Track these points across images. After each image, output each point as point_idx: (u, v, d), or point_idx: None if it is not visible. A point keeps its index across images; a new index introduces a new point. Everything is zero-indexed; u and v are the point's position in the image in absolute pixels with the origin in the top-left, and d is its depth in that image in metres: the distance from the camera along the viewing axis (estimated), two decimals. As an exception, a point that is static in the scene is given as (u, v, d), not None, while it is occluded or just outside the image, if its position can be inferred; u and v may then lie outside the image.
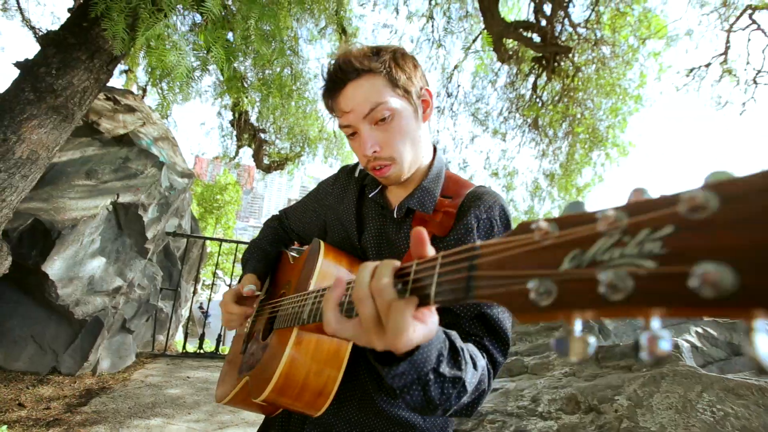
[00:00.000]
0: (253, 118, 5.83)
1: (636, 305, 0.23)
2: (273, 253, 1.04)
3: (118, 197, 3.04)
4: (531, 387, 2.31)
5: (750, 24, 4.39)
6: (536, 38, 5.29)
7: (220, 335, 3.91)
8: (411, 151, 0.75)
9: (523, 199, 6.09)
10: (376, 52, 0.74)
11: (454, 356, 0.54)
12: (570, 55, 5.24)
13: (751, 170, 0.21)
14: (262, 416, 0.94)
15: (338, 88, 0.73)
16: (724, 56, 4.79)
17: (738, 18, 4.51)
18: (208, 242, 5.63)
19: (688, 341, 2.37)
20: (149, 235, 3.27)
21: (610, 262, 0.24)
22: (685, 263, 0.21)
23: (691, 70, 5.16)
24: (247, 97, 4.68)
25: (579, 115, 5.27)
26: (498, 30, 5.09)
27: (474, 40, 5.57)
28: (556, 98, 5.74)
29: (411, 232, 0.44)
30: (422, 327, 0.41)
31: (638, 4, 4.91)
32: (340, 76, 0.72)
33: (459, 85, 6.50)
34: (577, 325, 0.26)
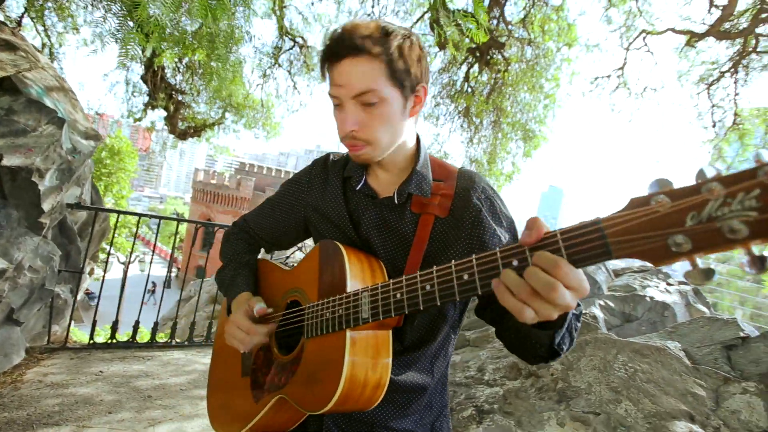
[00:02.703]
0: (169, 76, 5.07)
1: (748, 241, 0.35)
2: (255, 265, 0.98)
3: (1, 159, 2.42)
4: (475, 359, 2.54)
5: (643, 45, 5.19)
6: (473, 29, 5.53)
7: (116, 321, 3.37)
8: (388, 139, 0.77)
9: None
10: (386, 33, 0.73)
11: None
12: (502, 50, 5.61)
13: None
14: (197, 408, 0.88)
15: (336, 59, 0.72)
16: (621, 70, 5.61)
17: (635, 39, 5.30)
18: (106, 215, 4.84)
19: (593, 312, 2.82)
20: (46, 207, 2.68)
21: (723, 216, 0.36)
22: None
23: (596, 79, 5.94)
24: (165, 50, 4.04)
25: (508, 108, 5.71)
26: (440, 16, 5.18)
27: (417, 21, 5.58)
28: (486, 89, 6.13)
29: (528, 222, 0.50)
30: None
31: (561, 12, 5.43)
32: (341, 48, 0.71)
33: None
34: (698, 262, 0.38)
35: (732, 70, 5.07)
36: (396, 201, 0.79)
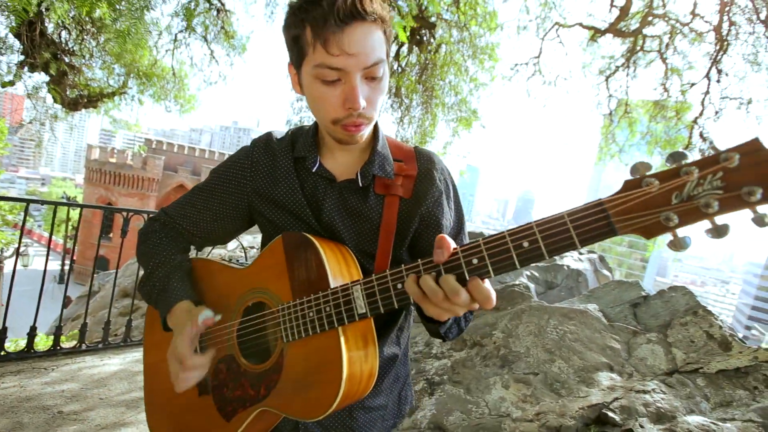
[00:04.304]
0: (52, 31, 4.18)
1: (718, 213, 0.42)
2: (190, 266, 0.85)
3: None
4: (422, 334, 2.65)
5: (556, 37, 5.68)
6: (405, 9, 5.50)
7: (2, 329, 2.79)
8: (378, 116, 0.74)
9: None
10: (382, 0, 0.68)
11: None
12: (433, 30, 5.68)
13: (741, 140, 0.43)
14: (123, 417, 0.80)
15: (344, 23, 0.62)
16: (537, 59, 6.09)
17: (549, 30, 5.76)
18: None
19: (525, 283, 3.11)
20: None
21: (699, 195, 0.43)
22: (737, 189, 0.41)
23: (515, 65, 6.36)
24: (52, 4, 3.32)
25: (438, 89, 5.85)
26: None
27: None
28: (416, 69, 6.20)
29: (436, 240, 0.55)
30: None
31: (485, -1, 5.65)
32: (354, 11, 0.62)
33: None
34: (679, 233, 0.45)
35: (625, 64, 5.82)
36: (360, 183, 0.74)
